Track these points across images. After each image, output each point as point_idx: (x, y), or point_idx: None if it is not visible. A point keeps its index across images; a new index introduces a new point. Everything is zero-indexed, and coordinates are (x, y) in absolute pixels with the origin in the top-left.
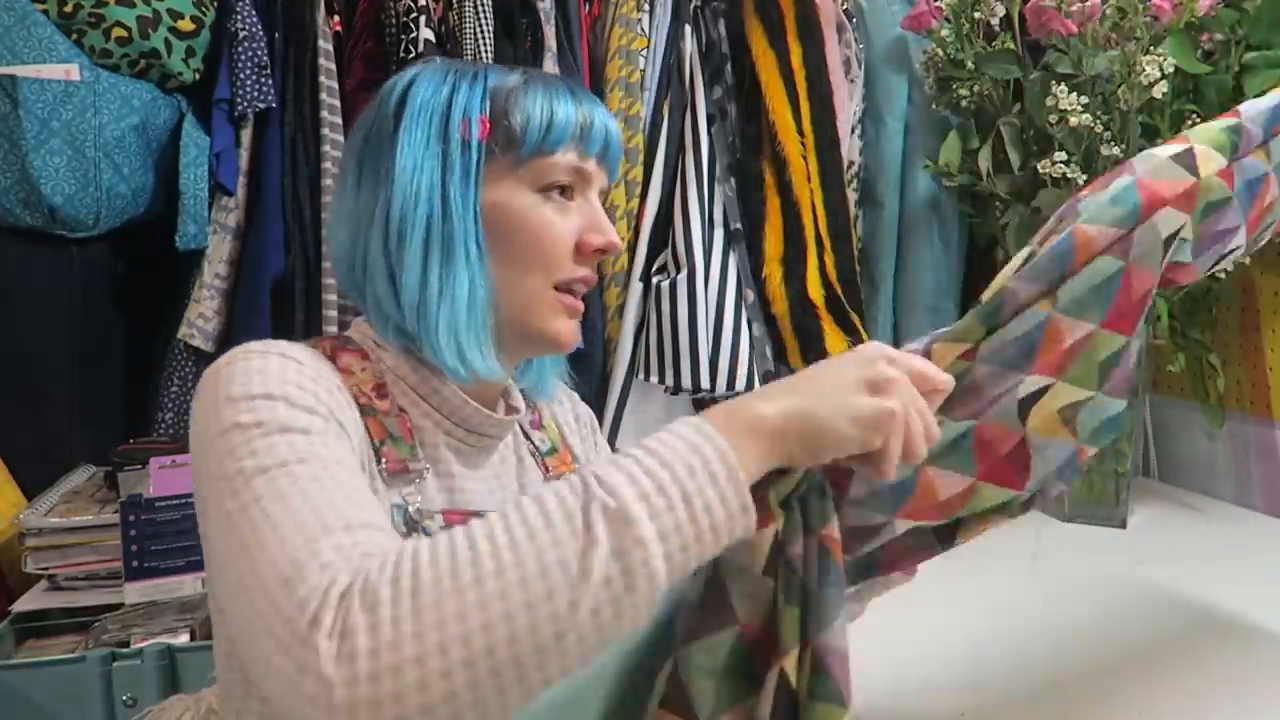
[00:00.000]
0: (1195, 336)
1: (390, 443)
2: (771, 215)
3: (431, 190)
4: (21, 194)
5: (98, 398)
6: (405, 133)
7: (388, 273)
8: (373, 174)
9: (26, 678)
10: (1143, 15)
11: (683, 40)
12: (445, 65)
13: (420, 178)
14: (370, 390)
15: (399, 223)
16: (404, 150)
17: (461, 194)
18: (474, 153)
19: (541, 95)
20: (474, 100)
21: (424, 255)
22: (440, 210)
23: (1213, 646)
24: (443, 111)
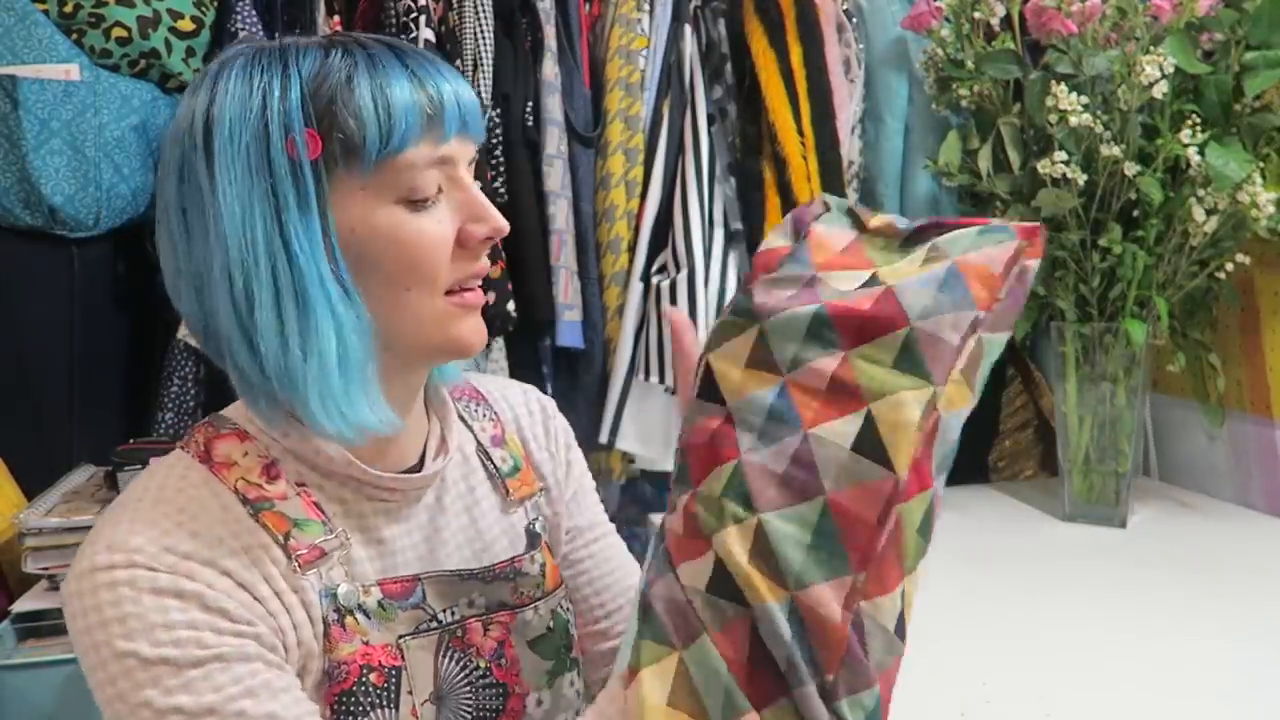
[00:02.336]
0: (1195, 336)
1: (296, 530)
2: (771, 215)
3: (269, 237)
4: (21, 194)
5: (98, 398)
6: (221, 171)
7: (245, 340)
8: (200, 227)
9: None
10: (1143, 15)
11: (683, 40)
12: (245, 60)
13: (252, 225)
14: (258, 477)
15: (242, 284)
16: (224, 194)
17: (304, 230)
18: (307, 177)
19: (368, 83)
20: (292, 109)
21: (277, 313)
22: (284, 257)
23: (1213, 646)
24: (258, 132)
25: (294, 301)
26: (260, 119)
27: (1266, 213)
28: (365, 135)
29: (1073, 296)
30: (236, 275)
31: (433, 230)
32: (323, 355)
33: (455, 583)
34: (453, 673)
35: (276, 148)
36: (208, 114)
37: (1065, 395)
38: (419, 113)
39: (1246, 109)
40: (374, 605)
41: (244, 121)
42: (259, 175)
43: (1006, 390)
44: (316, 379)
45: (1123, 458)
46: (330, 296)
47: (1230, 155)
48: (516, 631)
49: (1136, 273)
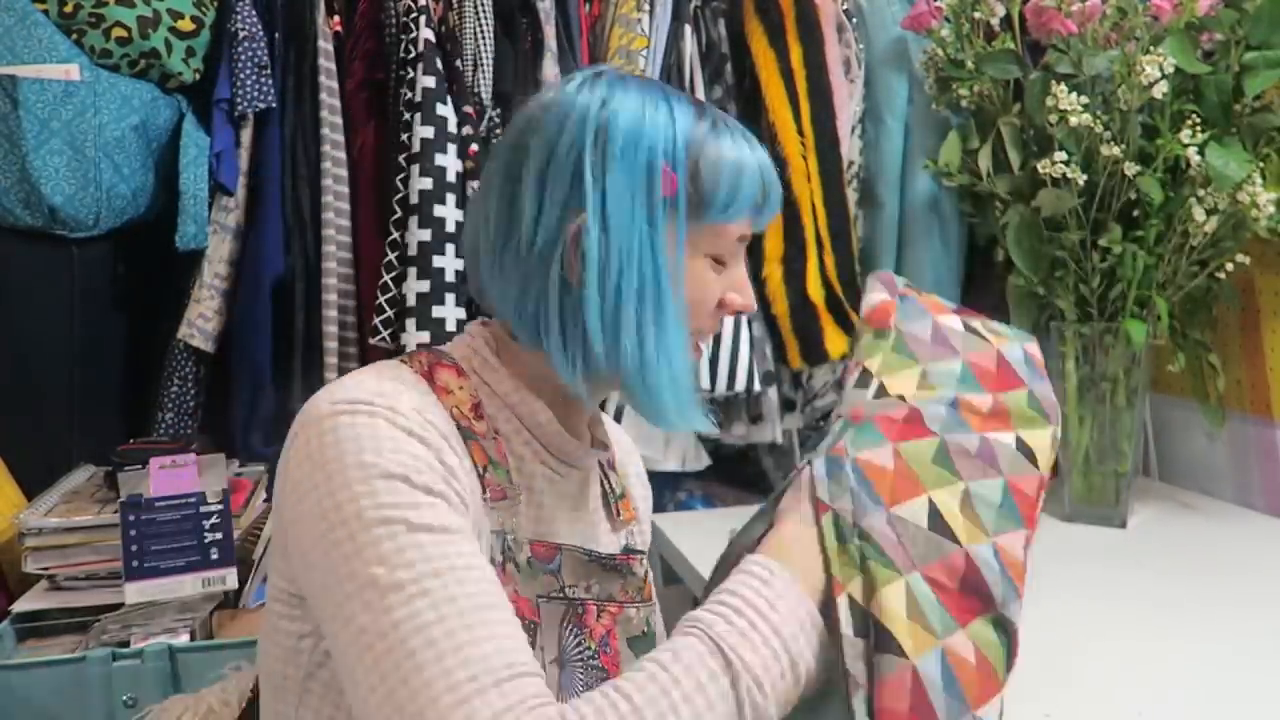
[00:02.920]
0: (1195, 336)
1: (491, 468)
2: None
3: (643, 247)
4: (21, 194)
5: (98, 398)
6: (611, 174)
7: (601, 327)
8: (566, 205)
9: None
10: (1143, 15)
11: (683, 40)
12: (635, 83)
13: (631, 232)
14: (469, 410)
15: (615, 284)
16: (613, 195)
17: (671, 255)
18: (681, 207)
19: (733, 154)
20: (672, 145)
21: (638, 315)
22: (653, 271)
23: (1213, 646)
24: (648, 156)
25: (653, 308)
26: (651, 140)
27: (1266, 213)
28: (715, 196)
29: (1073, 296)
30: (610, 272)
31: (713, 286)
32: (673, 363)
33: (584, 562)
34: (571, 646)
35: (656, 171)
36: (602, 115)
37: (1065, 395)
38: (756, 194)
39: (1246, 109)
40: (524, 560)
41: (637, 133)
42: (642, 191)
43: None
44: (668, 382)
45: (1123, 458)
46: (679, 312)
47: (1230, 155)
48: (621, 625)
49: (1136, 273)
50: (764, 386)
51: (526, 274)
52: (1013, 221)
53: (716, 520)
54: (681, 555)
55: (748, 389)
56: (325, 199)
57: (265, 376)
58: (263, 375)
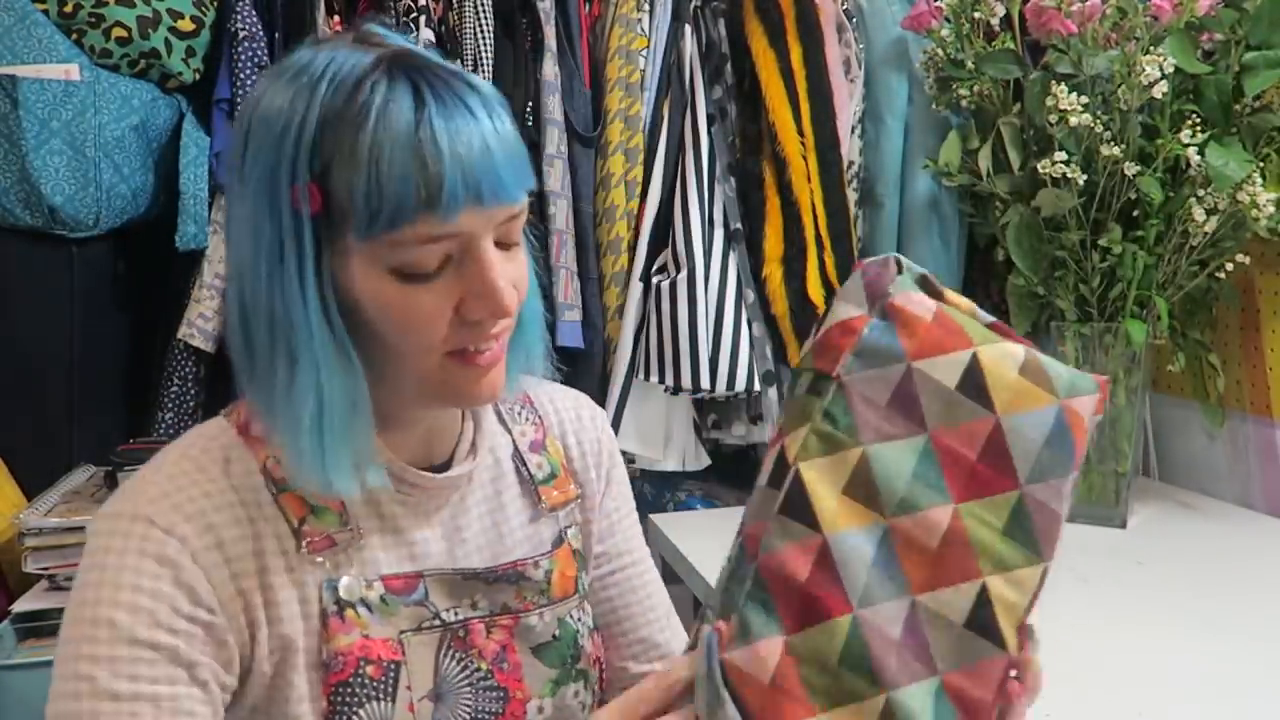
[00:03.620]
0: (1195, 336)
1: (312, 517)
2: (771, 215)
3: (270, 280)
4: (21, 194)
5: (98, 398)
6: (240, 203)
7: (245, 368)
8: (229, 233)
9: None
10: (1143, 15)
11: (683, 40)
12: (300, 60)
13: (256, 260)
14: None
15: (238, 317)
16: (239, 226)
17: (299, 284)
18: (305, 231)
19: (367, 151)
20: (302, 152)
21: (270, 358)
22: (282, 305)
23: (1213, 646)
24: (272, 166)
25: (285, 355)
26: (276, 151)
27: (1266, 213)
28: (354, 209)
29: (1073, 296)
30: (235, 306)
31: (426, 304)
32: (297, 418)
33: (458, 582)
34: (453, 672)
35: (283, 190)
36: (253, 113)
37: None
38: (413, 193)
39: (1246, 109)
40: (376, 599)
41: (267, 143)
42: (266, 213)
43: None
44: (290, 437)
45: (1123, 458)
46: (317, 355)
47: (1230, 155)
48: (520, 636)
49: (1136, 273)
50: (764, 386)
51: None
52: (1013, 221)
53: (716, 520)
54: (681, 555)
55: (748, 389)
56: None
57: None
58: None
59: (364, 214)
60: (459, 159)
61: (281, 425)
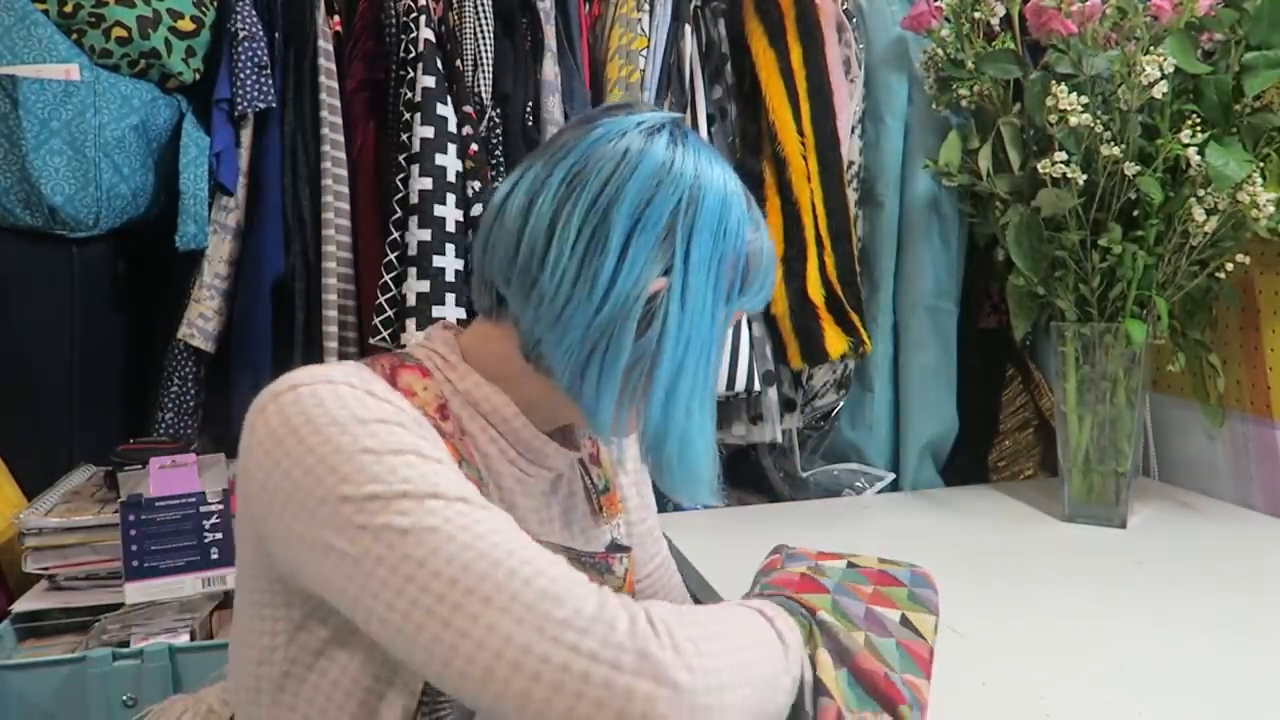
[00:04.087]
0: (1195, 336)
1: (464, 465)
2: (771, 215)
3: (710, 333)
4: (21, 194)
5: (98, 398)
6: (697, 249)
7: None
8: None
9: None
10: (1143, 15)
11: (683, 40)
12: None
13: (706, 314)
14: (434, 411)
15: (681, 357)
16: (696, 270)
17: (720, 344)
18: (733, 296)
19: (766, 246)
20: (739, 232)
21: (689, 395)
22: (709, 353)
23: (1213, 646)
24: (728, 239)
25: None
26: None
27: (1266, 213)
28: (751, 288)
29: (1073, 296)
30: (681, 350)
31: None
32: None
33: (569, 558)
34: None
35: (727, 258)
36: (695, 188)
37: (1065, 395)
38: (771, 284)
39: (1246, 109)
40: None
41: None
42: (718, 278)
43: (1006, 390)
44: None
45: (1123, 458)
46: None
47: (1230, 155)
48: None
49: (1136, 273)
50: (764, 386)
51: (589, 323)
52: (1013, 221)
53: (716, 520)
54: (681, 555)
55: (748, 389)
56: (325, 199)
57: (265, 376)
58: (263, 375)
59: (750, 293)
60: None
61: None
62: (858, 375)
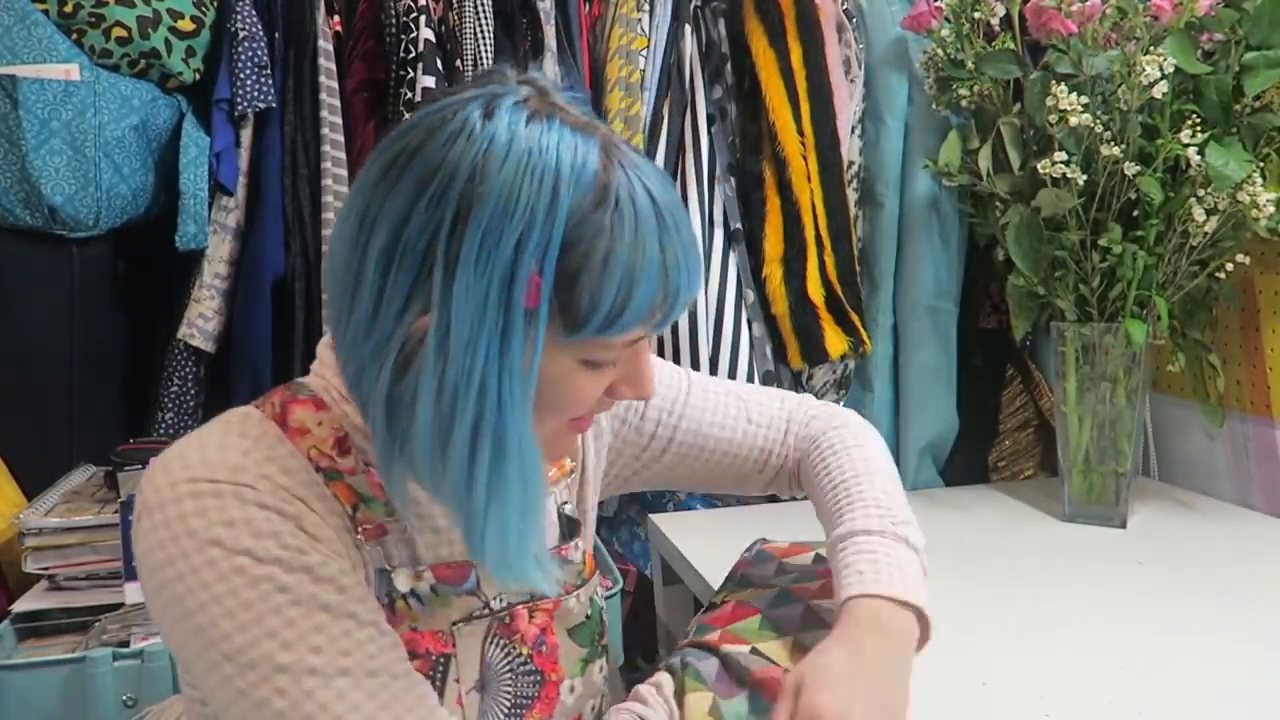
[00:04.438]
0: (1195, 336)
1: (362, 505)
2: (771, 215)
3: (486, 375)
4: (21, 194)
5: (98, 398)
6: (463, 277)
7: (433, 445)
8: (409, 298)
9: (26, 678)
10: (1143, 15)
11: (683, 40)
12: (510, 155)
13: (475, 354)
14: (330, 448)
15: (449, 406)
16: (459, 303)
17: (520, 384)
18: (540, 328)
19: (620, 273)
20: (550, 257)
21: (471, 450)
22: (495, 403)
23: (1213, 646)
24: (509, 259)
25: (492, 448)
26: (518, 240)
27: (1266, 213)
28: (591, 319)
29: (1073, 296)
30: (444, 398)
31: (593, 387)
32: (505, 509)
33: None
34: (497, 660)
35: (520, 283)
36: (469, 189)
37: (1065, 395)
38: (650, 313)
39: (1246, 109)
40: (427, 590)
41: (504, 228)
42: (497, 305)
43: (1006, 390)
44: (497, 529)
45: (1123, 458)
46: (525, 450)
47: (1230, 155)
48: (559, 619)
49: (1136, 273)
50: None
51: (360, 355)
52: (1013, 221)
53: (716, 520)
54: (681, 555)
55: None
56: (325, 199)
57: (265, 376)
58: (263, 375)
59: (599, 321)
60: (689, 279)
61: (483, 515)
62: (858, 375)
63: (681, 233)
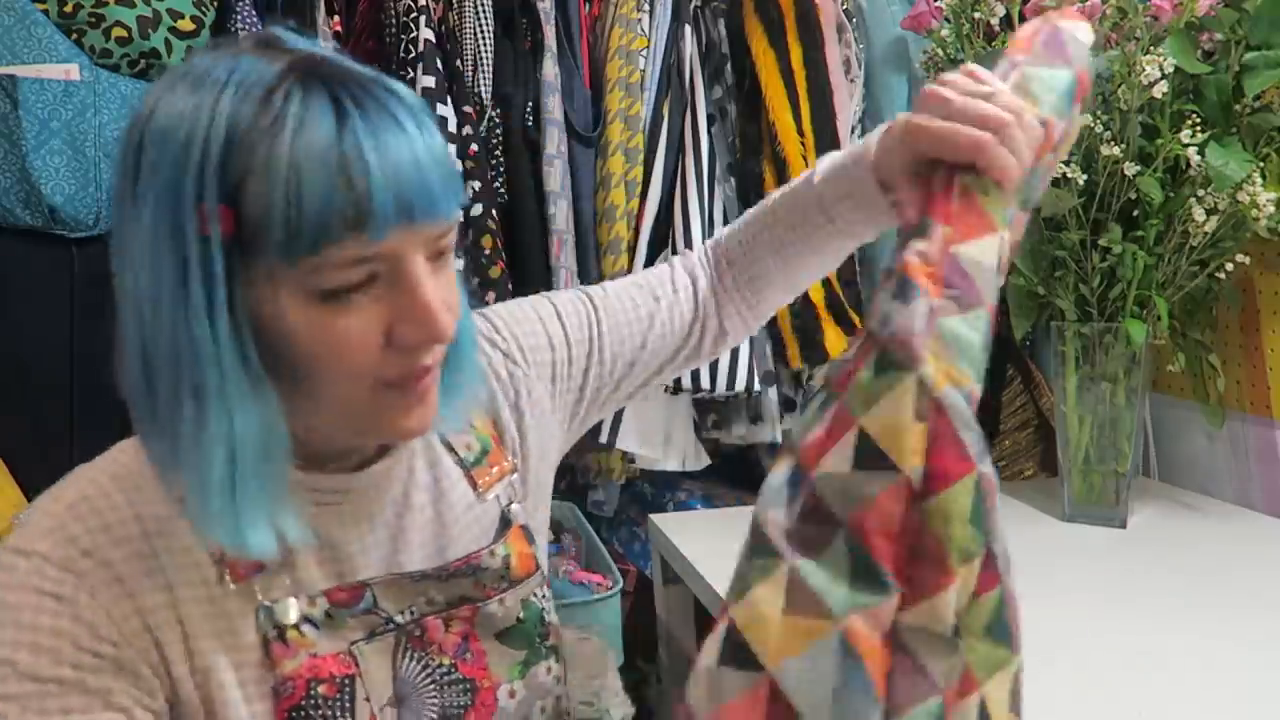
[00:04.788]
0: (1195, 336)
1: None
2: None
3: (173, 309)
4: (21, 194)
5: (98, 398)
6: (138, 204)
7: (146, 404)
8: (120, 258)
9: None
10: (1143, 15)
11: (683, 40)
12: (199, 65)
13: (157, 287)
14: None
15: (139, 345)
16: (136, 241)
17: (207, 316)
18: (215, 255)
19: (283, 169)
20: (209, 168)
21: (175, 396)
22: (187, 337)
23: (1213, 646)
24: (171, 182)
25: (192, 397)
26: (177, 167)
27: (1266, 213)
28: (270, 231)
29: (1073, 296)
30: (133, 342)
31: (354, 328)
32: (206, 470)
33: (408, 584)
34: (414, 673)
35: (187, 210)
36: (145, 125)
37: (1065, 395)
38: (337, 214)
39: (1246, 109)
40: (321, 615)
41: (166, 158)
42: (167, 236)
43: (1006, 390)
44: (198, 492)
45: (1123, 458)
46: (229, 398)
47: (1230, 155)
48: (480, 625)
49: (1136, 273)
50: (764, 386)
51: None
52: None
53: (716, 520)
54: (681, 555)
55: (748, 389)
56: None
57: None
58: None
59: (282, 236)
60: (387, 175)
61: (188, 477)
62: None
63: (379, 133)
